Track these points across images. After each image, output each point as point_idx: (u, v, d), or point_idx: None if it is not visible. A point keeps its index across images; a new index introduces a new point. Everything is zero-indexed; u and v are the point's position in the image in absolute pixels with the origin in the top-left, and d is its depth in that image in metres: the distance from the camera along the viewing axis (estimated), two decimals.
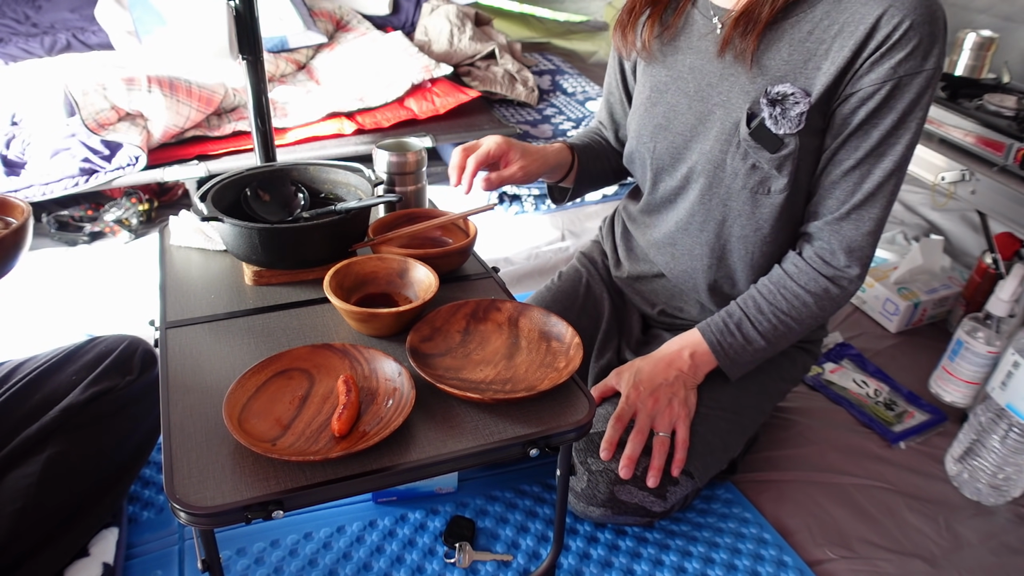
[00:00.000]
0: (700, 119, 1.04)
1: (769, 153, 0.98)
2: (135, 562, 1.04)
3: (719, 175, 1.04)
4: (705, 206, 1.07)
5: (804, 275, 1.03)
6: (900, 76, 0.90)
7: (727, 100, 1.00)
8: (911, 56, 0.89)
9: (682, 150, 1.08)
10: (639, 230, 1.23)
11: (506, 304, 0.94)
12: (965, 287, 1.67)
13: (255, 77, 1.36)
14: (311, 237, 0.98)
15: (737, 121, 0.99)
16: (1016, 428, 1.16)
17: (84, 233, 1.80)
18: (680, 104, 1.06)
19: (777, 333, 1.06)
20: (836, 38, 0.92)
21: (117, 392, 1.02)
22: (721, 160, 1.02)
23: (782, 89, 0.95)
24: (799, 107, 0.94)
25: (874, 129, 0.94)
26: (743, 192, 1.03)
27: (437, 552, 1.07)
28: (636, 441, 1.02)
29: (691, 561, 1.08)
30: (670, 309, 1.24)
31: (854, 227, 0.99)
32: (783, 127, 0.96)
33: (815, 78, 0.94)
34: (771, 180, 1.00)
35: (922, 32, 0.88)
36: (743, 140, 0.98)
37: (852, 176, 0.98)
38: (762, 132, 0.97)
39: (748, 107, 0.98)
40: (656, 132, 1.10)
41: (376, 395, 0.80)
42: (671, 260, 1.17)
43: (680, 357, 1.08)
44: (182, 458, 0.72)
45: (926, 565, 1.10)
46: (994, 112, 1.49)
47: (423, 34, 2.47)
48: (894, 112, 0.93)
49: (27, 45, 2.22)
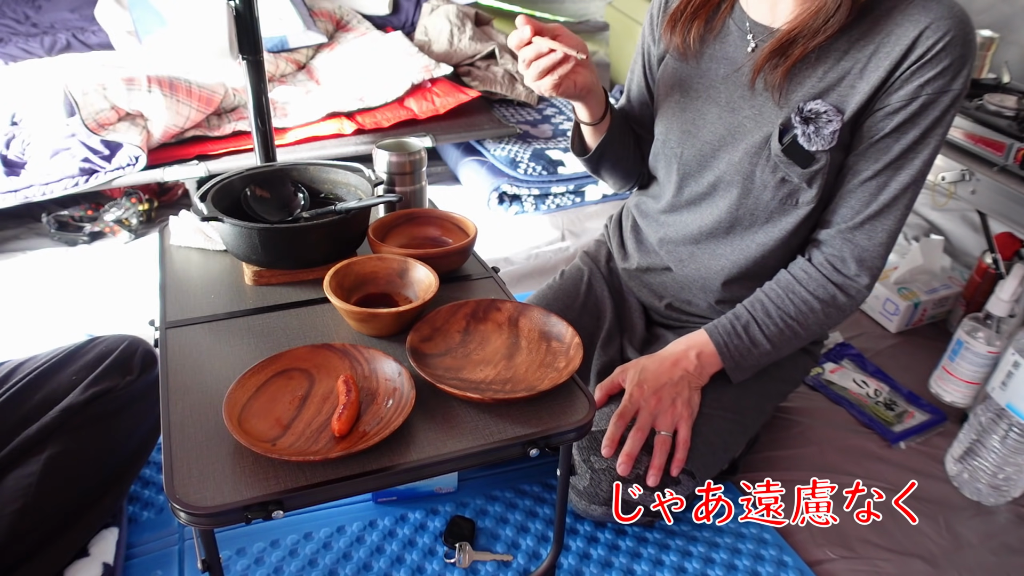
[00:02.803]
0: (730, 130, 1.03)
1: (800, 168, 0.98)
2: (135, 562, 1.04)
3: (748, 186, 1.03)
4: (732, 215, 1.07)
5: (813, 281, 1.03)
6: (928, 94, 0.90)
7: (759, 114, 1.00)
8: (942, 75, 0.89)
9: (709, 158, 1.07)
10: (653, 227, 1.22)
11: (506, 304, 0.94)
12: (965, 287, 1.67)
13: (255, 77, 1.36)
14: (311, 237, 0.98)
15: (768, 135, 0.98)
16: (1016, 428, 1.16)
17: (84, 233, 1.80)
18: (710, 112, 1.05)
19: (783, 338, 1.06)
20: (872, 57, 0.92)
21: (117, 392, 1.02)
22: (750, 172, 1.02)
23: (815, 107, 0.95)
24: (832, 125, 0.94)
25: (895, 143, 0.94)
26: (771, 203, 1.03)
27: (437, 552, 1.07)
28: (636, 439, 1.02)
29: (691, 561, 1.08)
30: (677, 303, 1.23)
31: (867, 237, 0.99)
32: (816, 144, 0.95)
33: (849, 96, 0.94)
34: (800, 192, 1.00)
35: (955, 53, 0.88)
36: (775, 156, 0.98)
37: (869, 186, 0.98)
38: (794, 148, 0.97)
39: (780, 122, 0.97)
40: (684, 137, 1.09)
41: (376, 395, 0.80)
42: (688, 259, 1.16)
43: (686, 357, 1.08)
44: (182, 458, 0.72)
45: (926, 565, 1.10)
46: (994, 112, 1.49)
47: (423, 34, 2.47)
48: (917, 128, 0.93)
49: (27, 45, 2.21)
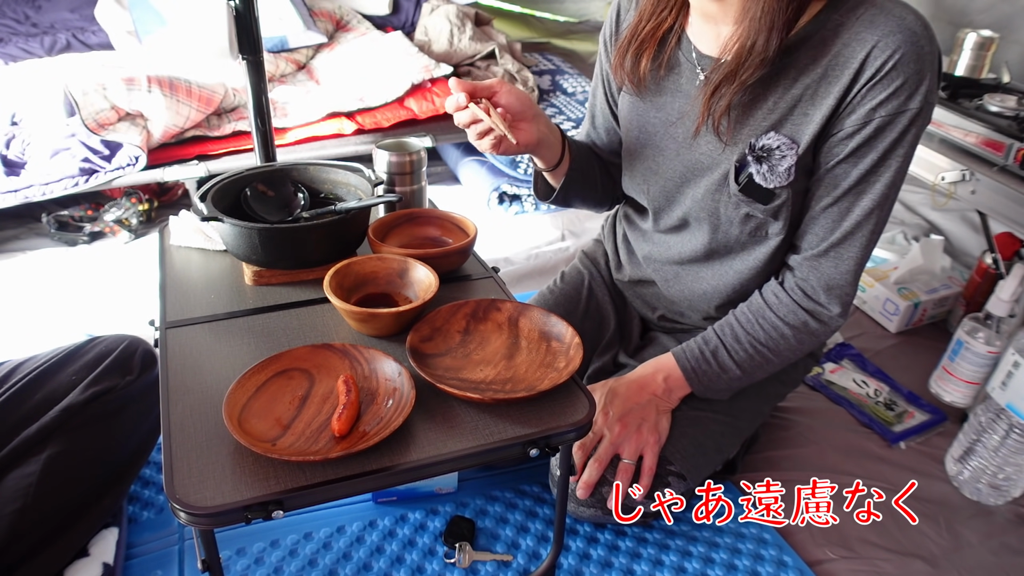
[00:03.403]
0: (688, 167, 1.01)
1: (762, 205, 0.96)
2: (135, 562, 1.04)
3: (715, 222, 1.02)
4: (707, 247, 1.06)
5: (784, 306, 1.01)
6: (883, 116, 0.86)
7: (713, 150, 0.97)
8: (895, 95, 0.85)
9: (674, 194, 1.05)
10: (640, 243, 1.20)
11: (506, 304, 0.94)
12: (965, 287, 1.67)
13: (255, 77, 1.36)
14: (311, 237, 0.98)
15: (725, 172, 0.96)
16: (1016, 428, 1.16)
17: (84, 233, 1.80)
18: (668, 148, 1.03)
19: (753, 363, 1.04)
20: (822, 82, 0.88)
21: (117, 392, 1.02)
22: (715, 209, 1.00)
23: (767, 143, 0.92)
24: (787, 161, 0.91)
25: (853, 168, 0.91)
26: (741, 236, 1.01)
27: (437, 552, 1.07)
28: (594, 468, 1.02)
29: (691, 561, 1.08)
30: (671, 314, 1.22)
31: (833, 265, 0.97)
32: (772, 182, 0.93)
33: (803, 125, 0.91)
34: (767, 225, 0.99)
35: (908, 70, 0.83)
36: (733, 195, 0.96)
37: (831, 213, 0.95)
38: (752, 187, 0.95)
39: (736, 159, 0.95)
40: (647, 175, 1.08)
41: (376, 395, 0.80)
42: (673, 279, 1.15)
43: (654, 380, 1.06)
44: (182, 458, 0.72)
45: (926, 565, 1.10)
46: (994, 112, 1.49)
47: (423, 34, 2.47)
48: (875, 151, 0.89)
49: (27, 45, 2.21)
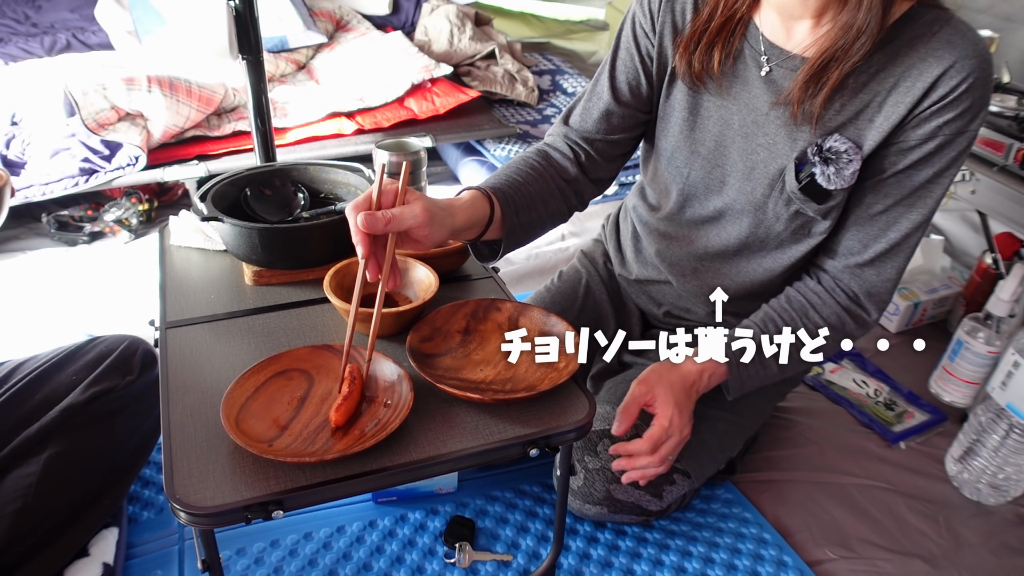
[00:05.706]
0: (742, 156, 0.99)
1: (816, 204, 0.95)
2: (135, 562, 1.04)
3: (759, 217, 1.01)
4: (741, 242, 1.04)
5: (827, 307, 1.00)
6: (947, 135, 0.87)
7: (772, 143, 0.96)
8: (961, 116, 0.86)
9: (718, 183, 1.03)
10: (652, 238, 1.16)
11: (506, 304, 0.94)
12: (965, 287, 1.67)
13: (255, 77, 1.36)
14: (311, 237, 0.98)
15: (782, 167, 0.95)
16: (1016, 428, 1.16)
17: (84, 233, 1.80)
18: (724, 136, 1.00)
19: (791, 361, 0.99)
20: (892, 92, 0.88)
21: (117, 392, 1.02)
22: (763, 203, 0.99)
23: (836, 146, 0.91)
24: (853, 165, 0.91)
25: (908, 180, 0.91)
26: (783, 233, 1.00)
27: (437, 552, 1.07)
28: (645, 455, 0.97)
29: (691, 561, 1.08)
30: (676, 310, 1.21)
31: (876, 274, 0.97)
32: (835, 184, 0.92)
33: (867, 131, 0.91)
34: (814, 224, 0.98)
35: (975, 95, 0.85)
36: (790, 191, 0.95)
37: (879, 220, 0.95)
38: (812, 187, 0.94)
39: (795, 155, 0.94)
40: (692, 159, 1.04)
41: (375, 395, 0.80)
42: (691, 275, 1.12)
43: (701, 379, 1.03)
44: (182, 458, 0.72)
45: (926, 565, 1.10)
46: (994, 112, 1.49)
47: (423, 34, 2.47)
48: (932, 167, 0.90)
49: (27, 45, 2.21)
